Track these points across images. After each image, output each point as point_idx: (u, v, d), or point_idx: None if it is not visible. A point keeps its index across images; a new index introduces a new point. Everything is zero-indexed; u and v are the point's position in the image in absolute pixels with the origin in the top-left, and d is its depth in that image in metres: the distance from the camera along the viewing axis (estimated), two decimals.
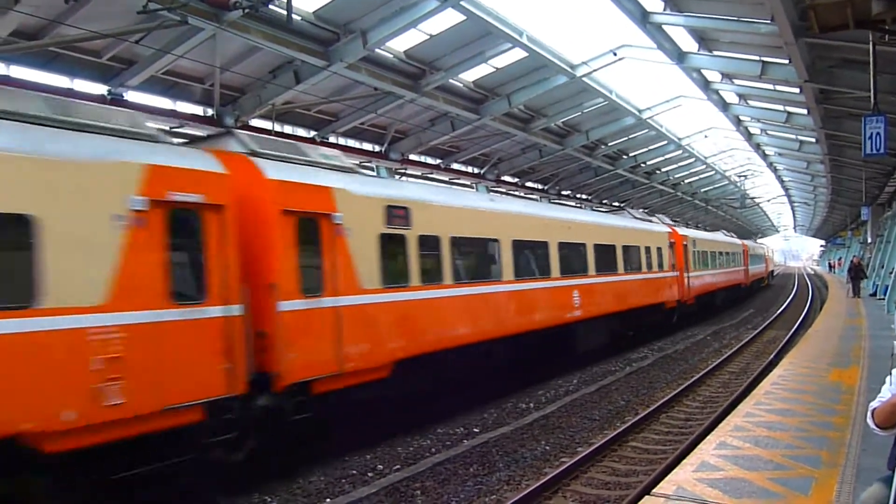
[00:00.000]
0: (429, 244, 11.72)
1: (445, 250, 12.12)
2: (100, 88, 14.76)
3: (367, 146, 22.68)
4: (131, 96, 15.31)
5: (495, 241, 13.87)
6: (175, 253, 7.63)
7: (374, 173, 17.22)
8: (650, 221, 25.87)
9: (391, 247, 10.86)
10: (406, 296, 11.06)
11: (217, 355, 7.85)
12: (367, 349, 10.07)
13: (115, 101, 14.85)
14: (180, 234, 7.74)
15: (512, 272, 14.10)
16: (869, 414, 4.13)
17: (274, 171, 9.24)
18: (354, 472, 9.31)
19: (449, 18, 16.03)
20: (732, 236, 44.81)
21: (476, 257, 13.69)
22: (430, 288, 11.59)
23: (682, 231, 27.67)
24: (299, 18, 14.58)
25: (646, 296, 21.78)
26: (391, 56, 17.62)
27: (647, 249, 22.34)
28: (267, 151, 9.69)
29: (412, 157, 24.38)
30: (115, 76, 14.76)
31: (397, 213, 11.06)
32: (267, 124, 17.84)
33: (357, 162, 15.48)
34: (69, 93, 14.25)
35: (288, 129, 19.73)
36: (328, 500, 8.31)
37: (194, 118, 16.84)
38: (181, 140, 11.82)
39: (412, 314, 11.14)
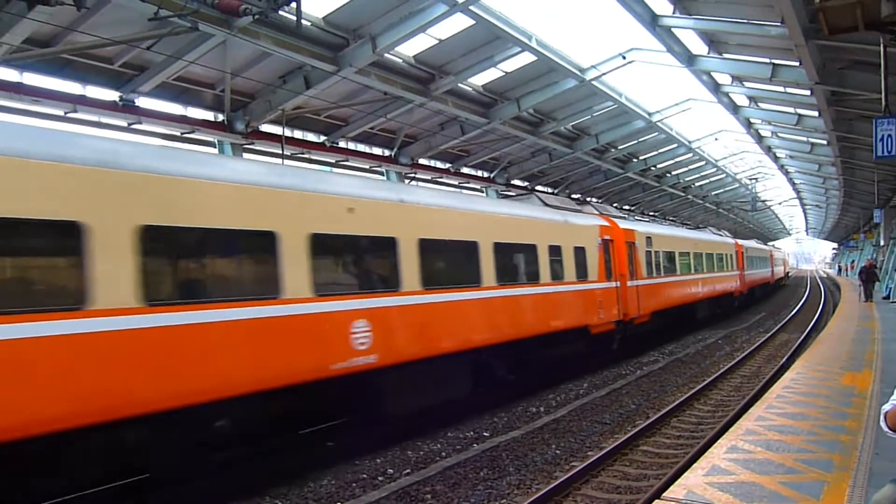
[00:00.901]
0: (657, 255, 22.27)
1: (661, 258, 22.78)
2: (111, 95, 14.89)
3: (377, 150, 22.75)
4: (142, 102, 15.43)
5: (673, 252, 24.63)
6: (605, 261, 17.62)
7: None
8: (720, 235, 37.00)
9: (647, 256, 21.14)
10: (654, 280, 21.57)
11: (615, 303, 17.97)
12: (644, 306, 20.10)
13: (127, 107, 14.98)
14: (606, 253, 17.78)
15: (678, 270, 25.13)
16: (882, 417, 4.11)
17: (621, 223, 20.10)
18: (365, 475, 9.31)
19: (458, 23, 16.08)
20: (762, 244, 55.17)
21: (669, 261, 24.03)
22: (658, 277, 22.25)
23: (741, 242, 39.25)
24: (309, 24, 14.66)
25: (724, 287, 32.47)
26: (401, 61, 17.68)
27: (723, 255, 33.25)
28: (603, 211, 20.50)
29: (422, 161, 24.44)
30: (126, 82, 14.88)
31: (649, 239, 21.68)
32: (277, 129, 17.95)
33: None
34: (81, 99, 14.40)
35: (298, 134, 19.83)
36: (338, 503, 8.33)
37: (205, 124, 16.96)
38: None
39: (655, 290, 21.55)
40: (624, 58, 20.14)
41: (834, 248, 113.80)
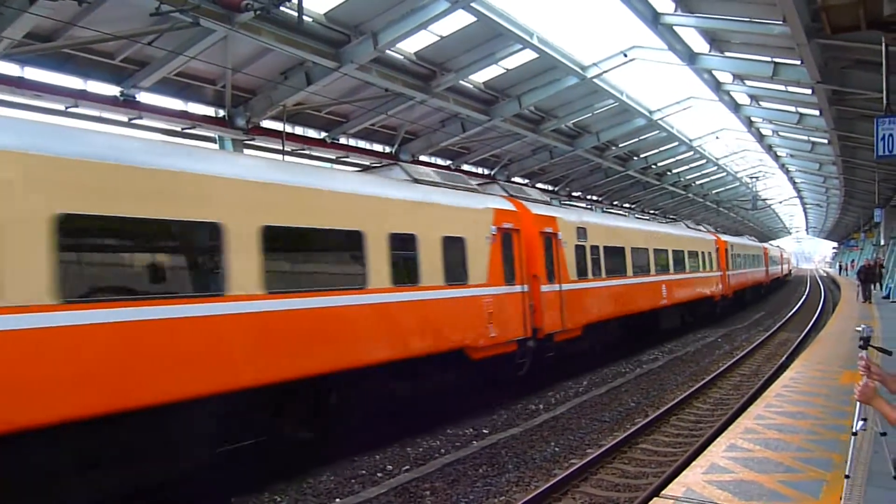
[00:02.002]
0: (735, 256, 34.10)
1: (737, 258, 34.52)
2: (112, 90, 14.86)
3: (378, 147, 22.73)
4: (143, 97, 15.41)
5: (739, 253, 35.50)
6: (716, 259, 30.28)
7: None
8: (753, 241, 46.37)
9: (732, 258, 33.23)
10: (735, 272, 33.80)
11: (720, 284, 30.20)
12: (731, 287, 32.37)
13: (128, 102, 14.97)
14: (716, 254, 30.43)
15: (740, 266, 34.83)
16: None
17: (721, 235, 33.62)
18: (364, 472, 9.33)
19: (459, 20, 16.05)
20: (776, 247, 66.40)
21: (739, 260, 35.10)
22: (735, 269, 33.83)
23: (766, 245, 52.40)
24: (310, 20, 14.64)
25: (758, 278, 42.13)
26: (402, 57, 17.65)
27: (758, 255, 43.09)
28: (708, 228, 33.92)
29: (423, 158, 24.41)
30: (127, 77, 14.86)
31: (731, 245, 33.87)
32: (278, 125, 17.93)
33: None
34: (82, 94, 14.38)
35: (299, 131, 19.82)
36: (338, 500, 8.33)
37: (206, 119, 16.94)
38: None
39: (735, 278, 33.96)
40: (625, 55, 20.11)
41: (834, 248, 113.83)
